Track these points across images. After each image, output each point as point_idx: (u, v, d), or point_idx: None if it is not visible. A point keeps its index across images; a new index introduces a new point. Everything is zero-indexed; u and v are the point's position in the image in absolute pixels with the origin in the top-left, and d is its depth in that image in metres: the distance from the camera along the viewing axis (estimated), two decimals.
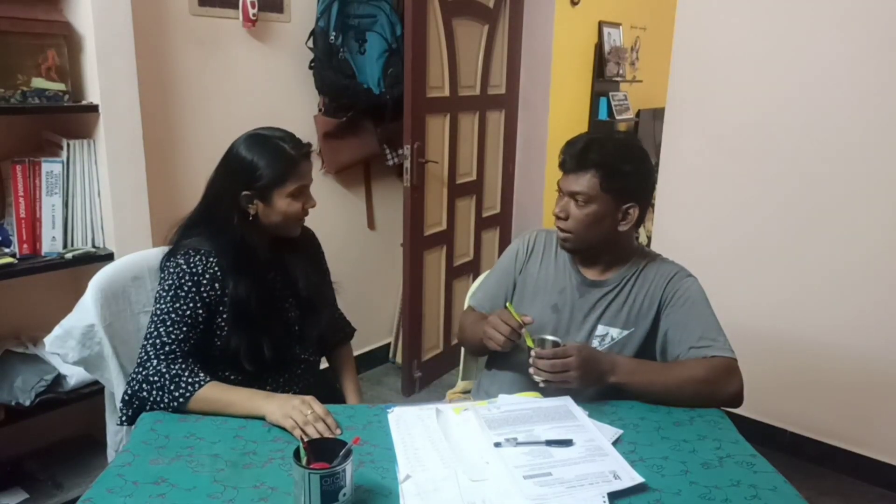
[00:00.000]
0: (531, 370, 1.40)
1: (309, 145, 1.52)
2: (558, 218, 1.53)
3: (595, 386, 1.41)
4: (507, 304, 1.51)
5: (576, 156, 1.48)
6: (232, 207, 1.48)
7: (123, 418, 1.40)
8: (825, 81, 2.37)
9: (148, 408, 1.36)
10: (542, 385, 1.40)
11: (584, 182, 1.47)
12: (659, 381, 1.41)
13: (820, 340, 2.51)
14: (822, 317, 2.49)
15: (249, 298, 1.46)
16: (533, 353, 1.39)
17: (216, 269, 1.46)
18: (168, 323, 1.41)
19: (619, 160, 1.48)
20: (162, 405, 1.34)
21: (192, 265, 1.44)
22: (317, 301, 1.64)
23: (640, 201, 1.51)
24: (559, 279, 1.62)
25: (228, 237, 1.47)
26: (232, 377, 1.50)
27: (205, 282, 1.45)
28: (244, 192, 1.46)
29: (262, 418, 1.31)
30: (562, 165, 1.51)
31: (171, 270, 1.45)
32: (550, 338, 1.46)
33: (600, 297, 1.56)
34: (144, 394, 1.36)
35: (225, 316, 1.47)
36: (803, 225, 2.48)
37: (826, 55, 2.35)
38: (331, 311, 1.74)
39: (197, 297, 1.44)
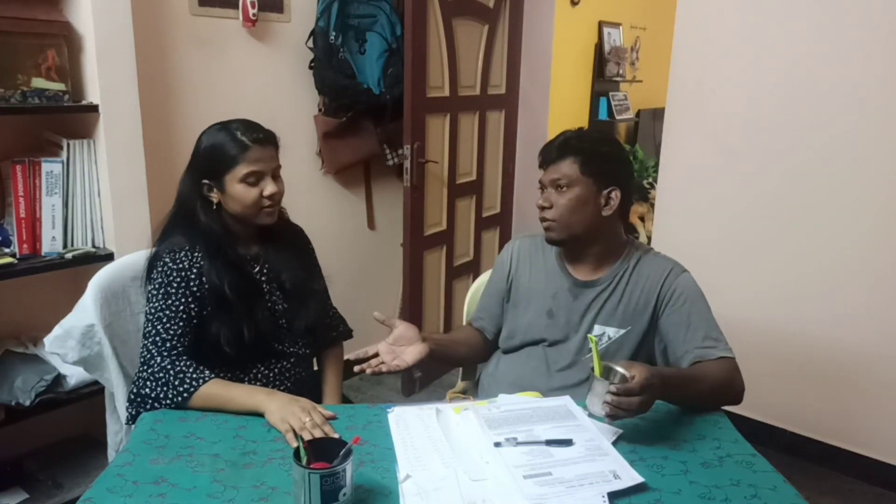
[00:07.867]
0: (601, 402, 1.25)
1: (269, 133, 1.52)
2: (542, 208, 1.55)
3: None
4: (590, 336, 1.41)
5: (553, 148, 1.54)
6: (197, 198, 1.50)
7: (129, 417, 1.41)
8: (825, 81, 2.36)
9: (152, 405, 1.36)
10: (605, 417, 1.27)
11: (564, 168, 1.51)
12: (693, 392, 1.36)
13: (821, 339, 2.50)
14: (823, 316, 2.49)
15: (222, 283, 1.47)
16: (610, 388, 1.23)
17: (202, 263, 1.47)
18: (164, 320, 1.42)
19: (595, 144, 1.54)
20: (167, 401, 1.35)
21: (177, 262, 1.46)
22: (303, 293, 1.63)
23: (622, 185, 1.52)
24: (550, 283, 1.61)
25: (199, 228, 1.49)
26: (220, 373, 1.48)
27: (192, 276, 1.46)
28: (203, 181, 1.49)
29: (262, 415, 1.31)
30: (541, 163, 1.57)
31: (159, 270, 1.46)
32: (620, 370, 1.30)
33: (594, 297, 1.56)
34: (148, 390, 1.36)
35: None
36: (804, 224, 2.48)
37: (826, 55, 2.35)
38: (319, 306, 1.70)
39: (187, 292, 1.45)
